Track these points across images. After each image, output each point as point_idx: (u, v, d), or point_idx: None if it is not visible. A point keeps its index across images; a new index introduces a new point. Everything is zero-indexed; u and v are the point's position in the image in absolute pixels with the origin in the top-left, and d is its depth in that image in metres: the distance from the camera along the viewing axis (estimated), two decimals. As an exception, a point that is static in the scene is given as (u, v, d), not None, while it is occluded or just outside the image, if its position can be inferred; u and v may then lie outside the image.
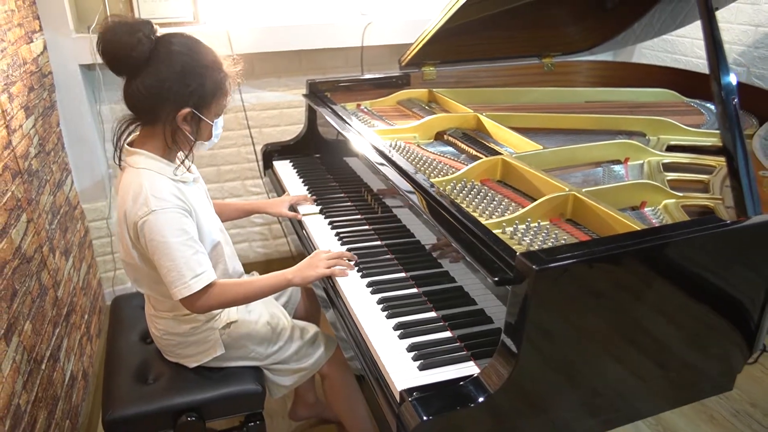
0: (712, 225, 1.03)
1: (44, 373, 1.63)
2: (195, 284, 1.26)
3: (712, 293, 1.07)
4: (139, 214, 1.25)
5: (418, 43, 2.05)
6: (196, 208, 1.34)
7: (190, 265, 1.26)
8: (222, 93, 1.31)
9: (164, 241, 1.24)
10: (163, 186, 1.29)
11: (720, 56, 1.14)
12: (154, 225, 1.24)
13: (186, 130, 1.29)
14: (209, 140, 1.36)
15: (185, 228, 1.28)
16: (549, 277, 0.90)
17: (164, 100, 1.25)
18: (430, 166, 1.55)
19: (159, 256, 1.26)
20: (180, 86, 1.23)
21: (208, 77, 1.26)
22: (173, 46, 1.24)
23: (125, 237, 1.32)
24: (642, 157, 1.63)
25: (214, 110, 1.32)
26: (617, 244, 0.96)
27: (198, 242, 1.30)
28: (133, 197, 1.27)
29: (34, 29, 2.02)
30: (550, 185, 1.35)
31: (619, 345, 1.03)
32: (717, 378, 1.18)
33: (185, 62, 1.23)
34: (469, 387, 0.96)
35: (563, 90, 2.24)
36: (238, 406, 1.44)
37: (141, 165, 1.30)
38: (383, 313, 1.25)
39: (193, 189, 1.39)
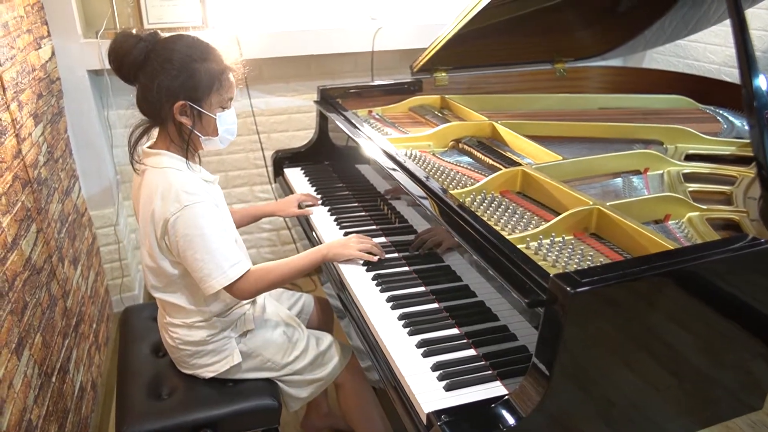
0: (747, 243, 1.00)
1: (55, 385, 1.61)
2: (233, 273, 1.29)
3: (747, 312, 1.05)
4: (171, 210, 1.26)
5: (432, 48, 2.02)
6: (219, 206, 1.37)
7: (227, 255, 1.28)
8: (220, 84, 1.29)
9: (200, 233, 1.26)
10: (192, 180, 1.30)
11: (751, 61, 1.11)
12: (189, 219, 1.26)
13: (186, 123, 1.29)
14: (216, 135, 1.35)
15: (217, 220, 1.30)
16: (584, 300, 0.88)
17: (158, 96, 1.26)
18: (448, 177, 1.53)
19: (194, 249, 1.26)
20: (170, 79, 1.24)
21: (200, 69, 1.26)
22: (166, 45, 1.26)
23: (151, 239, 1.32)
24: (661, 167, 1.61)
25: (215, 102, 1.31)
26: (653, 264, 0.94)
27: (229, 232, 1.34)
28: (162, 195, 1.27)
29: (42, 35, 2.00)
30: (572, 198, 1.32)
31: (652, 367, 1.01)
32: (748, 397, 1.16)
33: (175, 57, 1.25)
34: (500, 410, 0.93)
35: (576, 96, 2.22)
36: (254, 421, 1.42)
37: (165, 164, 1.31)
38: (405, 329, 1.22)
39: (215, 189, 1.41)
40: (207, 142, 1.36)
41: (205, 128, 1.33)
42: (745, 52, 1.12)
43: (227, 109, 1.35)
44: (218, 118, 1.33)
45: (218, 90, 1.30)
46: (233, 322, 1.44)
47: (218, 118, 1.32)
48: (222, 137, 1.36)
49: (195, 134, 1.31)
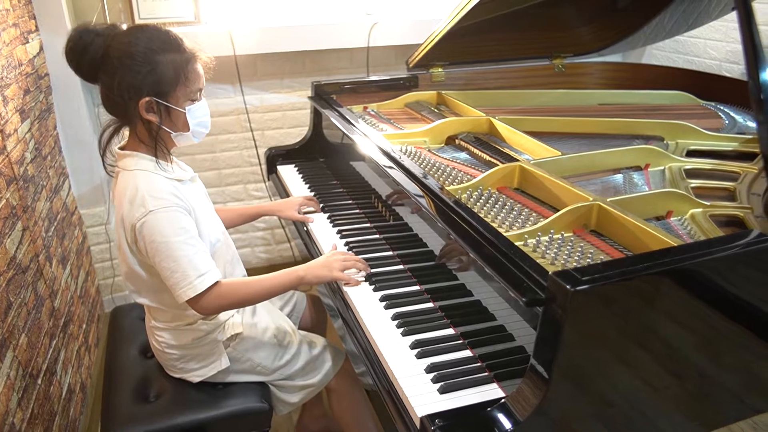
0: (752, 239, 0.96)
1: (40, 388, 1.56)
2: (200, 284, 1.21)
3: (755, 312, 1.01)
4: (136, 215, 1.20)
5: (428, 44, 1.98)
6: (194, 207, 1.29)
7: (194, 264, 1.21)
8: (186, 76, 1.22)
9: (165, 241, 1.19)
10: (160, 185, 1.23)
11: (758, 53, 1.07)
12: (154, 225, 1.19)
13: (153, 120, 1.22)
14: (188, 130, 1.28)
15: (185, 226, 1.22)
16: (585, 298, 0.84)
17: (122, 94, 1.18)
18: (444, 173, 1.49)
19: (161, 257, 1.20)
20: (131, 75, 1.17)
21: (164, 61, 1.19)
22: (125, 39, 1.19)
23: (123, 243, 1.27)
24: (663, 163, 1.57)
25: (182, 95, 1.23)
26: (655, 261, 0.90)
27: (200, 240, 1.25)
28: (129, 199, 1.22)
29: (30, 29, 1.95)
30: (572, 194, 1.28)
31: (655, 368, 0.97)
32: (753, 399, 1.12)
33: (134, 50, 1.17)
34: (496, 413, 0.89)
35: (575, 92, 2.18)
36: (244, 424, 1.38)
37: (134, 166, 1.25)
38: (399, 330, 1.18)
39: (190, 188, 1.34)
40: (179, 137, 1.28)
41: (174, 124, 1.26)
42: (751, 42, 1.08)
43: (197, 101, 1.27)
44: (188, 112, 1.25)
45: (184, 82, 1.23)
46: (220, 326, 1.39)
47: (188, 111, 1.25)
48: (195, 131, 1.29)
49: (164, 131, 1.25)
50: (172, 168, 1.31)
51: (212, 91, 2.42)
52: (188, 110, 1.25)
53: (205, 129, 1.32)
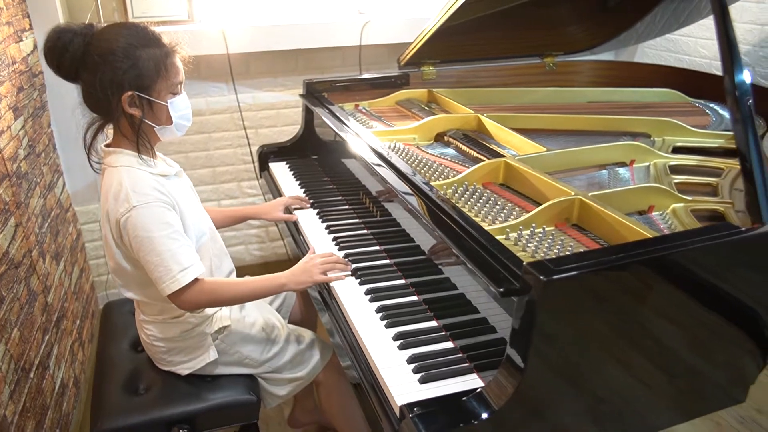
0: (726, 232, 0.98)
1: (33, 381, 1.58)
2: (183, 278, 1.23)
3: (726, 302, 1.02)
4: (120, 211, 1.22)
5: (417, 42, 2.00)
6: (179, 201, 1.31)
7: (177, 258, 1.23)
8: (166, 69, 1.25)
9: (148, 236, 1.22)
10: (143, 181, 1.25)
11: (734, 53, 1.10)
12: (137, 220, 1.21)
13: (136, 114, 1.24)
14: (171, 123, 1.30)
15: (169, 221, 1.24)
16: (558, 288, 0.85)
17: (104, 90, 1.20)
18: (431, 169, 1.51)
19: (144, 252, 1.22)
20: (112, 71, 1.19)
21: (143, 55, 1.21)
22: (104, 36, 1.21)
23: (109, 238, 1.29)
24: (648, 159, 1.59)
25: (163, 89, 1.26)
26: (628, 252, 0.91)
27: (183, 235, 1.27)
28: (114, 195, 1.24)
29: (24, 28, 1.97)
30: (554, 189, 1.30)
31: (629, 356, 0.99)
32: (730, 389, 1.14)
33: (114, 47, 1.19)
34: (472, 402, 0.91)
35: (565, 90, 2.20)
36: (232, 416, 1.40)
37: (119, 163, 1.27)
38: (382, 322, 1.20)
39: (175, 183, 1.36)
40: (162, 131, 1.31)
41: (157, 117, 1.28)
42: (727, 40, 1.10)
43: (178, 94, 1.30)
44: (170, 105, 1.27)
45: (165, 75, 1.25)
46: (208, 318, 1.41)
47: (170, 104, 1.27)
48: (177, 124, 1.31)
49: (148, 125, 1.27)
50: (156, 163, 1.33)
51: (206, 89, 2.44)
52: (170, 103, 1.28)
53: (187, 122, 1.34)
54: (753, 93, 2.00)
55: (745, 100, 1.08)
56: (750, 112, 1.07)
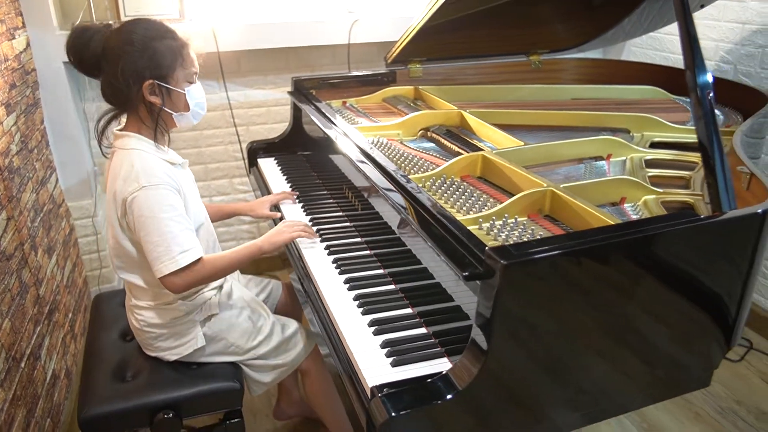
0: (684, 220, 1.02)
1: (24, 371, 1.62)
2: (182, 259, 1.28)
3: (687, 287, 1.06)
4: (129, 190, 1.28)
5: (403, 40, 2.04)
6: (184, 190, 1.36)
7: (178, 241, 1.28)
8: (182, 59, 1.32)
9: (153, 216, 1.27)
10: (154, 163, 1.32)
11: (695, 51, 1.13)
12: (144, 201, 1.27)
13: (156, 102, 1.31)
14: (188, 111, 1.37)
15: (174, 204, 1.30)
16: (517, 271, 0.89)
17: (125, 80, 1.28)
18: (411, 162, 1.54)
19: (146, 232, 1.27)
20: (133, 62, 1.27)
21: (160, 46, 1.28)
22: (123, 31, 1.29)
23: (113, 218, 1.34)
24: (624, 154, 1.63)
25: (181, 77, 1.33)
26: (586, 238, 0.95)
27: (187, 219, 1.33)
28: (124, 176, 1.30)
29: (17, 26, 2.01)
30: (528, 181, 1.34)
31: (593, 339, 1.02)
32: (694, 373, 1.18)
33: (133, 39, 1.27)
34: (438, 384, 0.95)
35: (550, 87, 2.24)
36: (216, 403, 1.43)
37: (131, 146, 1.33)
38: (359, 309, 1.24)
39: (181, 172, 1.42)
40: (180, 118, 1.37)
41: (176, 105, 1.35)
42: (688, 35, 1.13)
43: (194, 83, 1.37)
44: (187, 93, 1.35)
45: (182, 65, 1.33)
46: (198, 306, 1.45)
47: (187, 92, 1.35)
48: (194, 112, 1.38)
49: (167, 112, 1.34)
50: (167, 150, 1.40)
51: (197, 87, 2.47)
52: (187, 91, 1.35)
53: (202, 110, 1.41)
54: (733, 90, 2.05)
55: (706, 95, 1.11)
56: (711, 107, 1.11)
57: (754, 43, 2.25)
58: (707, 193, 1.38)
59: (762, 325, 2.39)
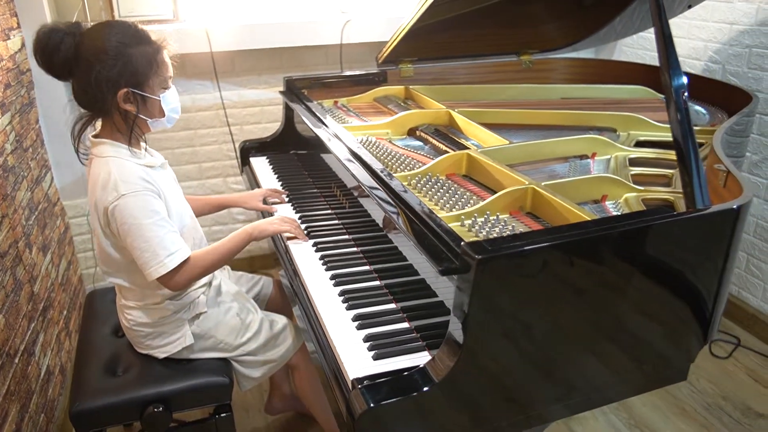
0: (656, 216, 1.04)
1: (17, 366, 1.64)
2: (170, 262, 1.30)
3: (664, 281, 1.08)
4: (109, 199, 1.28)
5: (393, 41, 2.06)
6: (164, 191, 1.37)
7: (164, 244, 1.29)
8: (157, 65, 1.31)
9: (136, 222, 1.28)
10: (131, 170, 1.32)
11: (670, 53, 1.16)
12: (125, 208, 1.28)
13: (131, 110, 1.31)
14: (163, 116, 1.37)
15: (155, 208, 1.31)
16: (491, 266, 0.92)
17: (99, 88, 1.26)
18: (398, 161, 1.57)
19: (132, 238, 1.29)
20: (108, 69, 1.25)
21: (135, 53, 1.27)
22: (95, 35, 1.26)
23: (97, 226, 1.35)
24: (609, 152, 1.65)
25: (156, 84, 1.32)
26: (560, 234, 0.98)
27: (169, 221, 1.34)
28: (102, 185, 1.30)
29: (12, 26, 2.04)
30: (511, 179, 1.36)
31: (569, 333, 1.05)
32: (672, 366, 1.20)
33: (107, 46, 1.25)
34: (415, 376, 0.97)
35: (539, 87, 2.26)
36: (205, 397, 1.46)
37: (107, 153, 1.33)
38: (344, 304, 1.27)
39: (160, 173, 1.42)
40: (154, 123, 1.38)
41: (151, 111, 1.35)
42: (662, 35, 1.16)
43: (168, 89, 1.36)
44: (162, 99, 1.35)
45: (156, 71, 1.32)
46: (186, 306, 1.48)
47: (162, 99, 1.34)
48: (168, 117, 1.39)
49: (142, 119, 1.34)
50: (142, 154, 1.40)
51: (191, 87, 2.50)
52: (162, 97, 1.35)
53: (177, 114, 1.41)
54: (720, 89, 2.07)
55: (681, 94, 1.14)
56: (686, 107, 1.13)
57: (742, 43, 2.28)
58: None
59: (750, 322, 2.41)
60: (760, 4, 2.18)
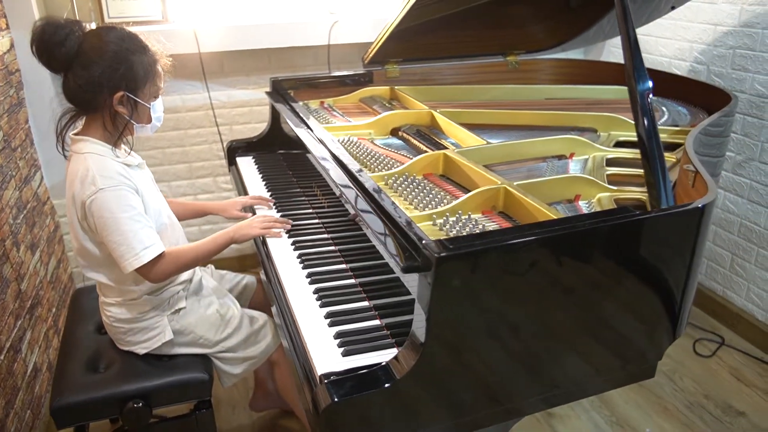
0: (619, 216, 1.06)
1: (3, 363, 1.67)
2: (144, 256, 1.33)
3: (631, 279, 1.10)
4: (87, 193, 1.32)
5: (377, 42, 2.08)
6: (142, 190, 1.40)
7: (139, 238, 1.32)
8: (153, 75, 1.37)
9: (113, 216, 1.31)
10: (109, 166, 1.35)
11: (635, 56, 1.17)
12: (102, 202, 1.31)
13: (123, 113, 1.36)
14: (149, 123, 1.42)
15: (132, 203, 1.34)
16: (452, 264, 0.93)
17: (98, 86, 1.31)
18: (376, 160, 1.59)
19: (108, 231, 1.32)
20: (111, 71, 1.30)
21: (136, 60, 1.33)
22: (101, 36, 1.32)
23: (74, 220, 1.39)
24: (587, 153, 1.67)
25: (148, 92, 1.38)
26: (522, 233, 1.00)
27: (146, 217, 1.37)
28: (81, 179, 1.33)
29: (0, 27, 2.06)
30: (484, 179, 1.38)
31: (534, 331, 1.06)
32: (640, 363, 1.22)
33: (113, 49, 1.30)
34: (378, 373, 0.99)
35: (523, 87, 2.28)
36: (184, 393, 1.48)
37: (86, 150, 1.36)
38: (317, 302, 1.29)
39: (137, 172, 1.45)
40: (139, 129, 1.43)
41: (140, 117, 1.40)
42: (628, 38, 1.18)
43: (157, 98, 1.42)
44: (152, 107, 1.40)
45: (152, 80, 1.38)
46: (165, 301, 1.50)
47: (152, 106, 1.40)
48: (153, 125, 1.44)
49: (131, 123, 1.38)
50: (121, 153, 1.43)
51: (181, 88, 2.52)
52: (152, 105, 1.40)
53: (160, 122, 1.47)
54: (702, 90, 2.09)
55: (646, 96, 1.15)
56: (650, 109, 1.15)
57: (725, 44, 2.29)
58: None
59: (734, 321, 2.43)
60: (744, 5, 2.20)
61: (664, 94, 2.20)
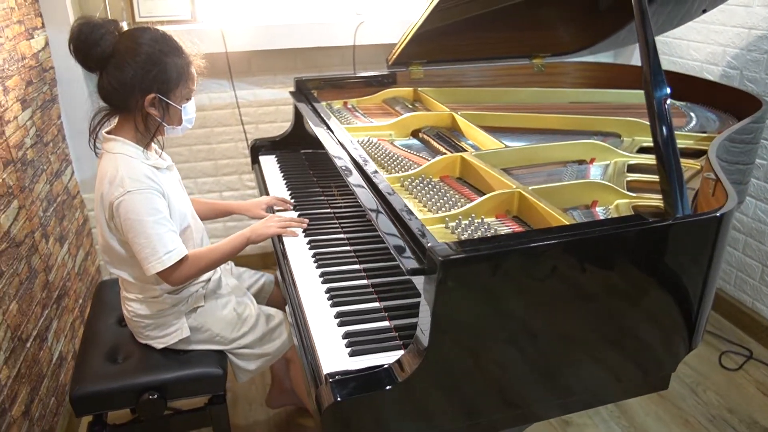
0: (632, 223, 1.04)
1: (29, 351, 1.72)
2: (167, 260, 1.35)
3: (639, 288, 1.08)
4: (115, 194, 1.34)
5: (401, 43, 2.09)
6: (168, 192, 1.43)
7: (163, 242, 1.35)
8: (186, 78, 1.39)
9: (138, 219, 1.34)
10: (138, 169, 1.38)
11: (653, 60, 1.15)
12: (130, 204, 1.33)
13: (155, 115, 1.38)
14: (180, 125, 1.44)
15: (158, 207, 1.36)
16: (456, 268, 0.93)
17: (131, 88, 1.33)
18: (394, 162, 1.59)
19: (134, 234, 1.34)
20: (143, 73, 1.32)
21: (170, 63, 1.35)
22: (135, 38, 1.34)
23: (101, 219, 1.42)
24: (609, 158, 1.64)
25: (180, 95, 1.40)
26: (529, 238, 0.99)
27: (170, 221, 1.39)
28: (110, 180, 1.36)
29: (36, 26, 2.13)
30: (500, 182, 1.37)
31: (540, 338, 1.05)
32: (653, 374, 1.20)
33: (146, 51, 1.32)
34: (380, 374, 1.00)
35: (548, 90, 2.25)
36: (199, 387, 1.51)
37: (117, 150, 1.39)
38: (329, 301, 1.30)
39: (166, 175, 1.48)
40: (170, 130, 1.45)
41: (171, 119, 1.42)
42: (645, 41, 1.15)
43: (189, 100, 1.44)
44: (183, 109, 1.42)
45: (184, 83, 1.39)
46: (184, 300, 1.53)
47: (183, 108, 1.42)
48: (183, 126, 1.46)
49: (162, 124, 1.41)
50: (151, 156, 1.45)
51: (208, 86, 2.57)
52: (183, 108, 1.42)
53: (190, 125, 1.49)
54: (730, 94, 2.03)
55: (663, 102, 1.13)
56: (668, 115, 1.13)
57: (760, 48, 2.23)
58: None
59: (764, 334, 2.36)
60: (780, 8, 2.13)
61: (694, 99, 2.15)
